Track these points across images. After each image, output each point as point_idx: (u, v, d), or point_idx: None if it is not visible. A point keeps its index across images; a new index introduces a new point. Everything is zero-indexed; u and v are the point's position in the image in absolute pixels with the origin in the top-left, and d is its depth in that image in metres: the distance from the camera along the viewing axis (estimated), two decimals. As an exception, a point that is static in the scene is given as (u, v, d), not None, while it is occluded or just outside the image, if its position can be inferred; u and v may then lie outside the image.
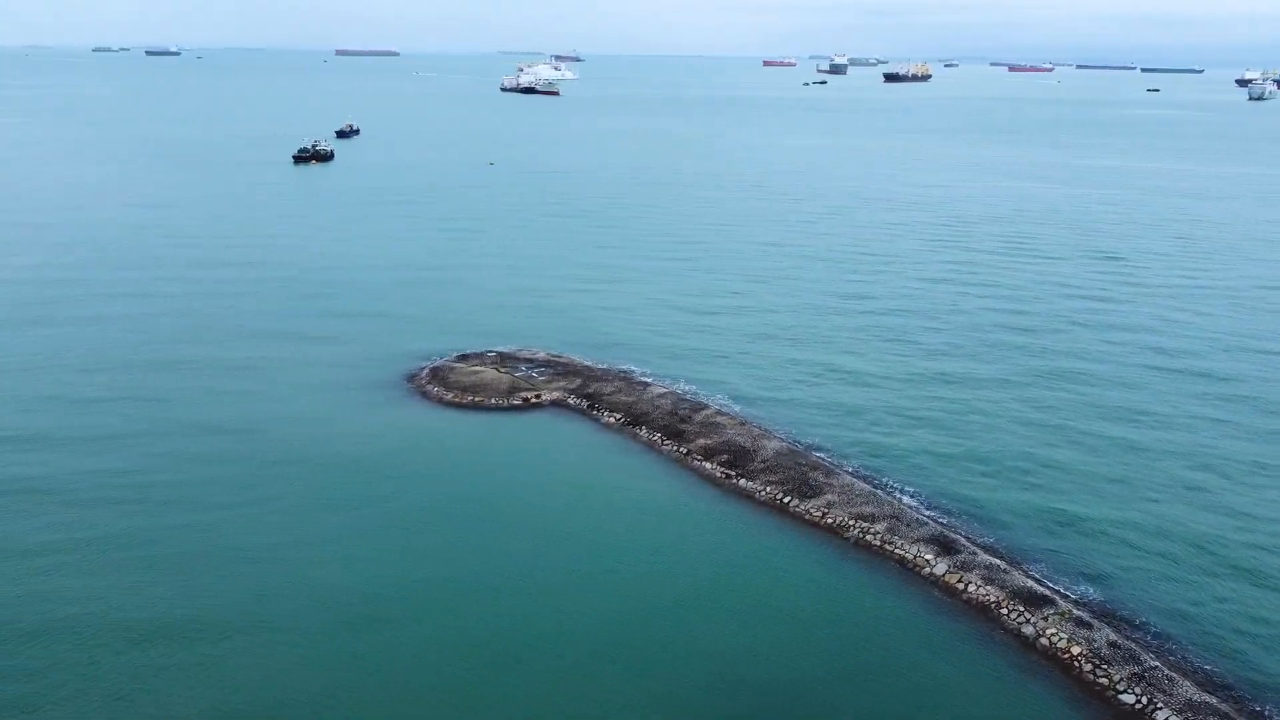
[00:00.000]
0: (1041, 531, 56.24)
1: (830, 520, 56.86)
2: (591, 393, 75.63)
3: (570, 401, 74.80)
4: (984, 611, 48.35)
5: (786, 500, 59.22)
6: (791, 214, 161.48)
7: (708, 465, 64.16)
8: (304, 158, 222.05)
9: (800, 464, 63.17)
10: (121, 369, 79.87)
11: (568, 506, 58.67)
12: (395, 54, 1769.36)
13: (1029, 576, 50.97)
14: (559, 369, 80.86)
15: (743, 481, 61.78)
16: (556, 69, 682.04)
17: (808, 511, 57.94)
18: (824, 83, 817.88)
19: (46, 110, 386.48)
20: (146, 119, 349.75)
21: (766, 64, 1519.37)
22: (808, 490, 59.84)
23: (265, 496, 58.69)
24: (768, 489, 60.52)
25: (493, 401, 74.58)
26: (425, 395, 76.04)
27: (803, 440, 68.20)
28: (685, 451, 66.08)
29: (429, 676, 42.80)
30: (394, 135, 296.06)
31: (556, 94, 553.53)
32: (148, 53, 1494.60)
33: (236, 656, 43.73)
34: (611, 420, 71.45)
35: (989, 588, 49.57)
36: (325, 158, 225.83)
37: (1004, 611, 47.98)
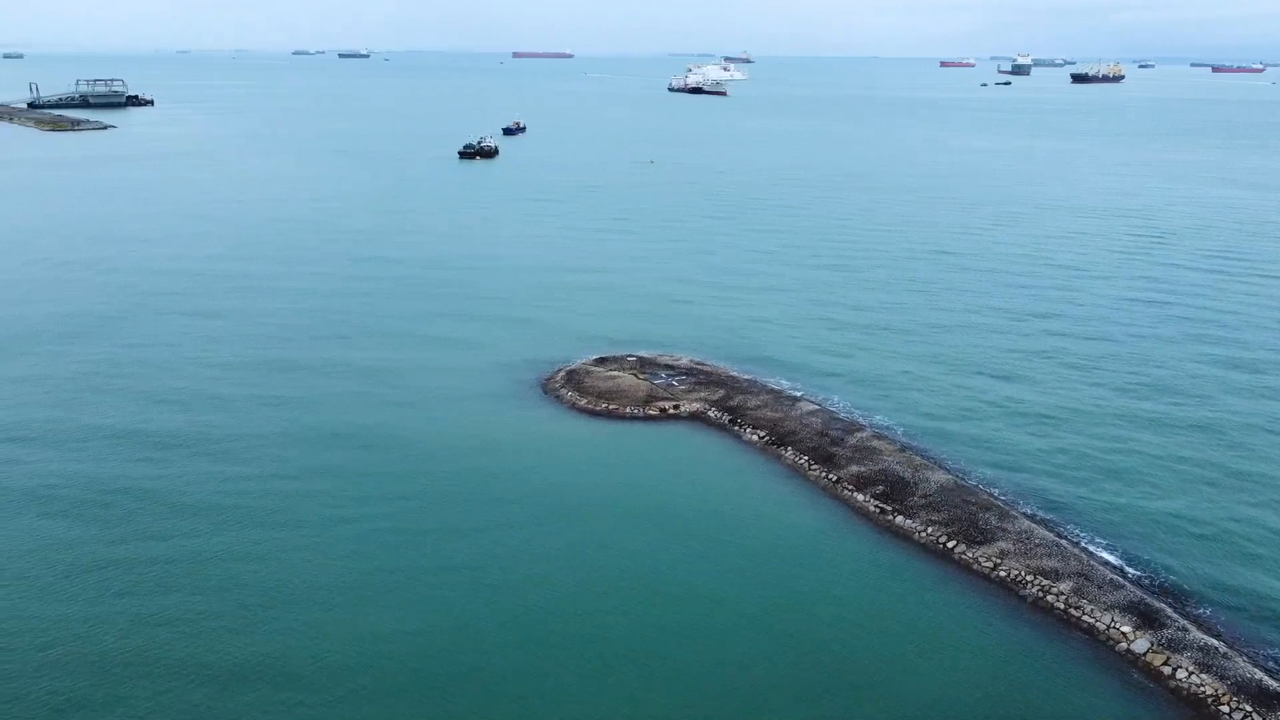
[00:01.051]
0: (1272, 614, 46.19)
1: (1003, 573, 48.66)
2: (734, 406, 69.41)
3: (710, 414, 68.83)
4: (1197, 706, 39.35)
5: (951, 545, 51.32)
6: (964, 220, 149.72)
7: (860, 496, 56.87)
8: (469, 154, 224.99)
9: (969, 502, 55.01)
10: (256, 368, 79.12)
11: (701, 532, 52.78)
12: (570, 56, 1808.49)
13: (1257, 666, 41.44)
14: (701, 378, 75.00)
15: (900, 519, 54.21)
16: (726, 70, 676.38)
17: (976, 560, 49.90)
18: (1008, 83, 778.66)
19: (248, 106, 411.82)
20: (331, 116, 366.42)
21: (944, 65, 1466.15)
22: (977, 534, 51.73)
23: (380, 513, 55.45)
24: (929, 529, 52.76)
25: (627, 410, 69.47)
26: (558, 399, 71.76)
27: (971, 475, 59.80)
28: (835, 479, 58.96)
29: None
30: (559, 133, 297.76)
31: (724, 94, 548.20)
32: (340, 55, 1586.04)
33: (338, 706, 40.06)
34: (754, 438, 65.03)
35: (1205, 676, 40.43)
36: (490, 154, 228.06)
37: (1224, 709, 38.87)
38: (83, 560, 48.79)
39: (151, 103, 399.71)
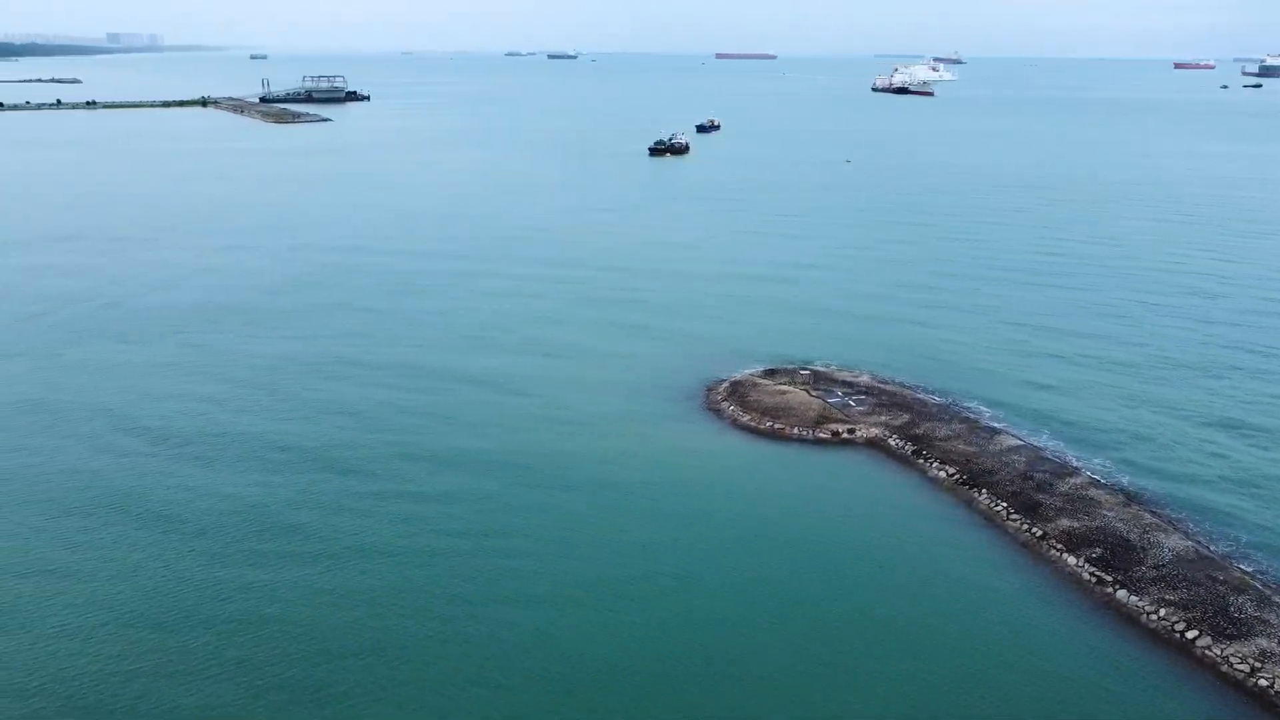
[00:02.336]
0: None
1: (1263, 681, 37.71)
2: (920, 435, 60.04)
3: (891, 443, 59.77)
4: None
5: (1192, 635, 40.60)
6: (1204, 234, 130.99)
7: (1071, 559, 46.67)
8: (660, 150, 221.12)
9: (1215, 580, 43.84)
10: (407, 374, 76.43)
11: (872, 585, 44.48)
12: (772, 57, 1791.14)
13: None
14: (883, 399, 65.86)
15: (1123, 593, 43.77)
16: (934, 70, 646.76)
17: (1226, 659, 39.07)
18: (1257, 85, 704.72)
19: (454, 102, 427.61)
20: (530, 112, 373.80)
21: (1178, 66, 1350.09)
22: (1227, 624, 40.75)
23: (523, 525, 50.17)
24: (1162, 611, 42.14)
25: (795, 431, 61.43)
26: (719, 413, 64.59)
27: (1219, 543, 48.22)
28: (1040, 534, 48.92)
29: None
30: (754, 131, 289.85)
31: (930, 94, 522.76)
32: (549, 56, 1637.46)
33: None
34: (942, 474, 55.60)
35: None
36: (681, 151, 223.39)
37: None
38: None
39: (368, 98, 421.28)
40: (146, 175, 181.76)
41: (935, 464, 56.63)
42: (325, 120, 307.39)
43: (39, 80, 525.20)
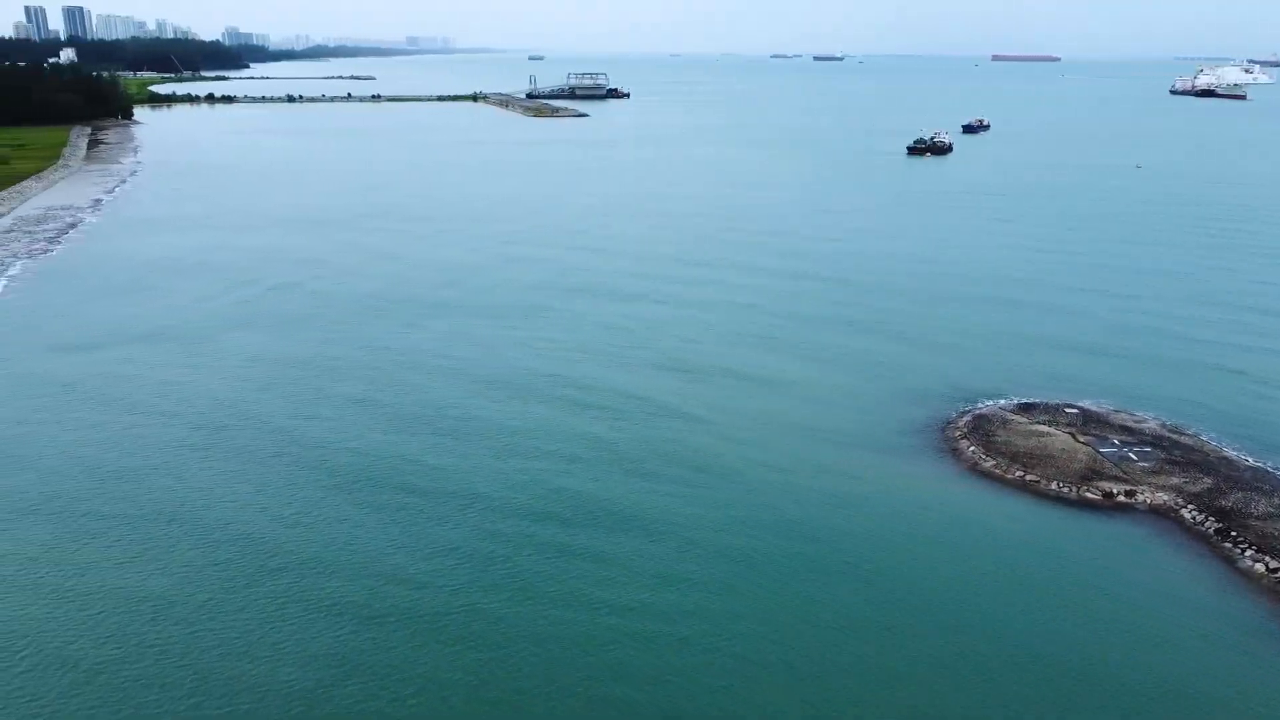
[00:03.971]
0: None
1: None
2: (1228, 508, 45.77)
3: (1186, 515, 45.94)
4: None
5: None
6: None
7: None
8: (919, 149, 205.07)
9: None
10: (618, 398, 69.66)
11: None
12: (1055, 59, 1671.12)
13: None
14: (1176, 454, 51.58)
15: None
16: (1248, 72, 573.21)
17: None
18: None
19: (711, 101, 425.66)
20: (786, 110, 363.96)
21: None
22: None
23: (699, 576, 41.72)
24: None
25: (1053, 486, 48.86)
26: (956, 454, 52.95)
27: None
28: None
29: None
30: (1028, 133, 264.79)
31: (1243, 98, 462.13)
32: (815, 58, 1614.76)
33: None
34: (1260, 568, 41.47)
35: None
36: (942, 150, 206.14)
37: None
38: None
39: (628, 95, 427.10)
40: (395, 161, 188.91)
41: (1250, 552, 42.46)
42: (582, 115, 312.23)
43: (339, 77, 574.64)
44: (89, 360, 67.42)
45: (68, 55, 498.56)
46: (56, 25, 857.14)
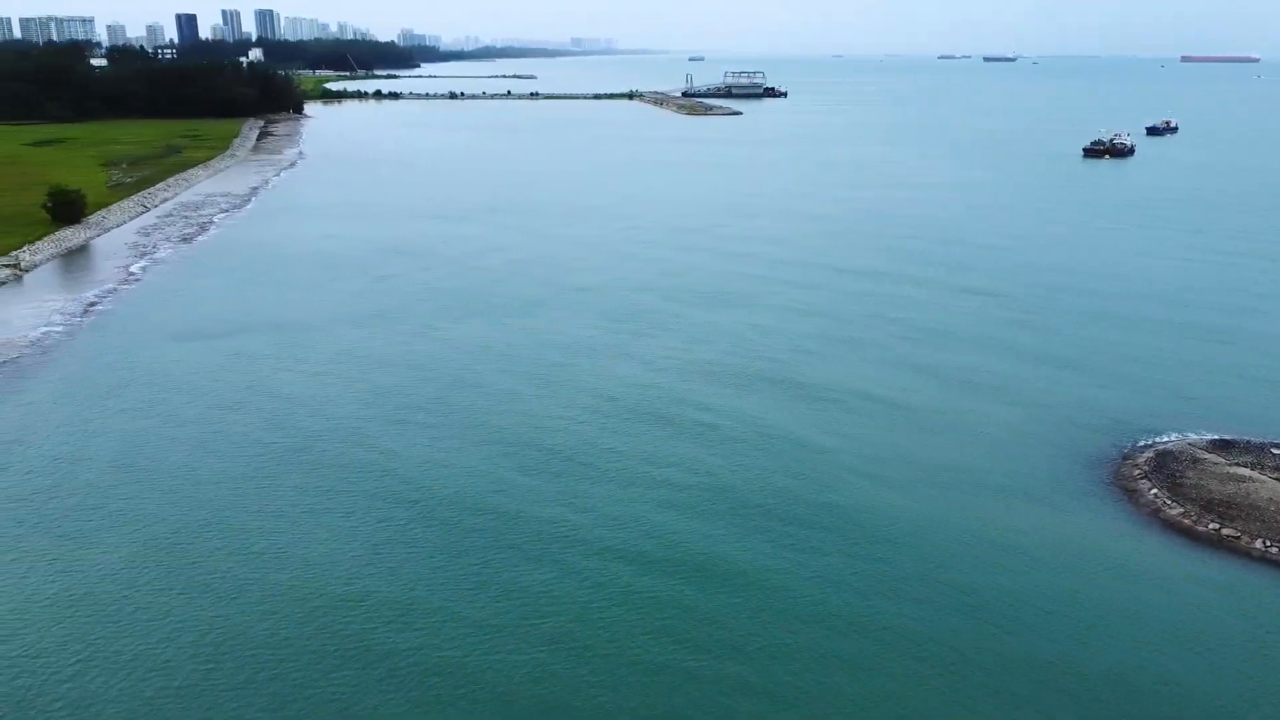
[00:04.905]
0: None
1: None
2: None
3: None
4: None
5: None
6: None
7: None
8: (1096, 152, 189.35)
9: None
10: (725, 382, 63.90)
11: None
12: (1253, 59, 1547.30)
13: None
14: None
15: None
16: None
17: None
18: None
19: (870, 100, 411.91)
20: (957, 110, 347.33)
21: None
22: None
23: (805, 647, 35.83)
24: None
25: (1259, 545, 40.18)
26: (1133, 497, 44.71)
27: None
28: None
29: None
30: (1221, 137, 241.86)
31: None
32: (985, 59, 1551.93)
33: None
34: None
35: None
36: (1123, 153, 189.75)
37: None
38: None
39: (785, 94, 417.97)
40: (541, 156, 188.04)
41: None
42: (735, 114, 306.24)
43: (502, 76, 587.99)
44: (205, 348, 66.84)
45: (255, 55, 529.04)
46: (249, 27, 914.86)
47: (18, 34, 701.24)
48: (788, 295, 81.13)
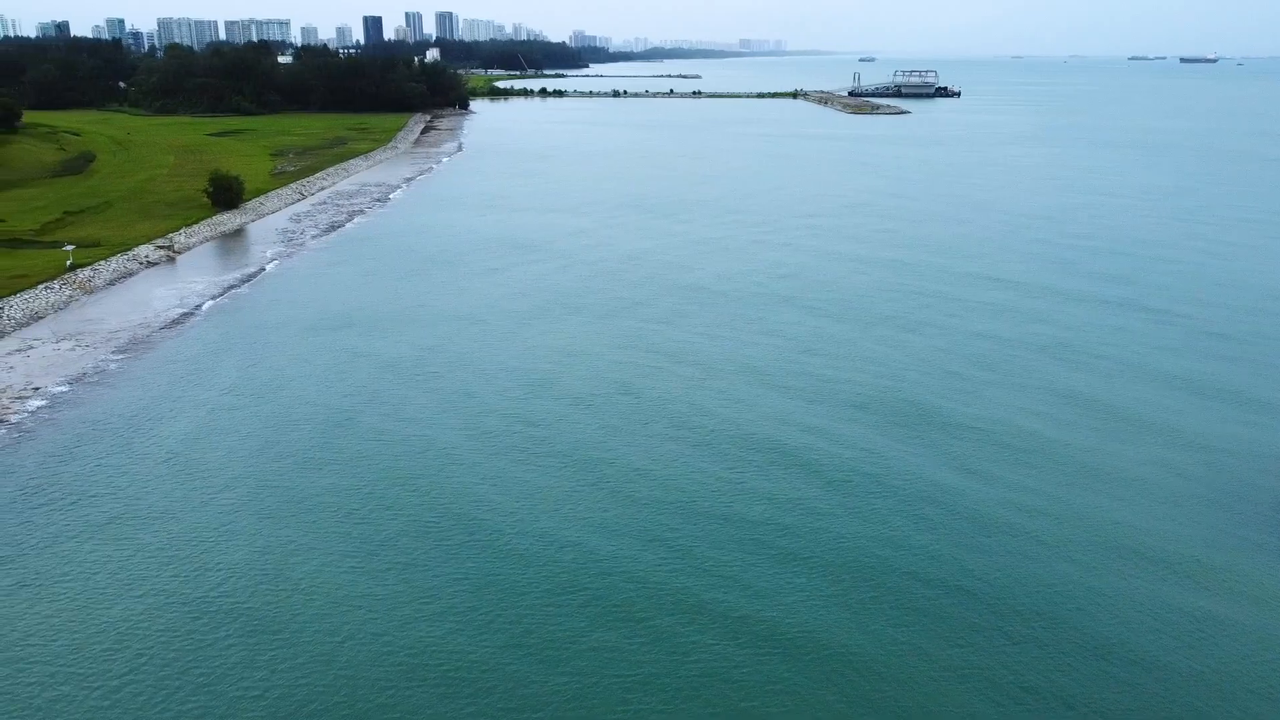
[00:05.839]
0: None
1: None
2: None
3: None
4: None
5: None
6: None
7: None
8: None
9: None
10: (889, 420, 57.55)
11: None
12: None
13: None
14: None
15: None
16: None
17: None
18: None
19: (1047, 101, 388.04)
20: (1158, 114, 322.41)
21: None
22: None
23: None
24: None
25: None
26: (1359, 566, 36.23)
27: None
28: None
29: None
30: None
31: None
32: (1181, 60, 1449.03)
33: None
34: None
35: None
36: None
37: None
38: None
39: (958, 94, 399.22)
40: (688, 151, 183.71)
41: None
42: (903, 113, 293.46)
43: (667, 75, 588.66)
44: (329, 335, 65.80)
45: (432, 54, 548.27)
46: (430, 29, 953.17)
47: (223, 35, 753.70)
48: (940, 309, 73.71)
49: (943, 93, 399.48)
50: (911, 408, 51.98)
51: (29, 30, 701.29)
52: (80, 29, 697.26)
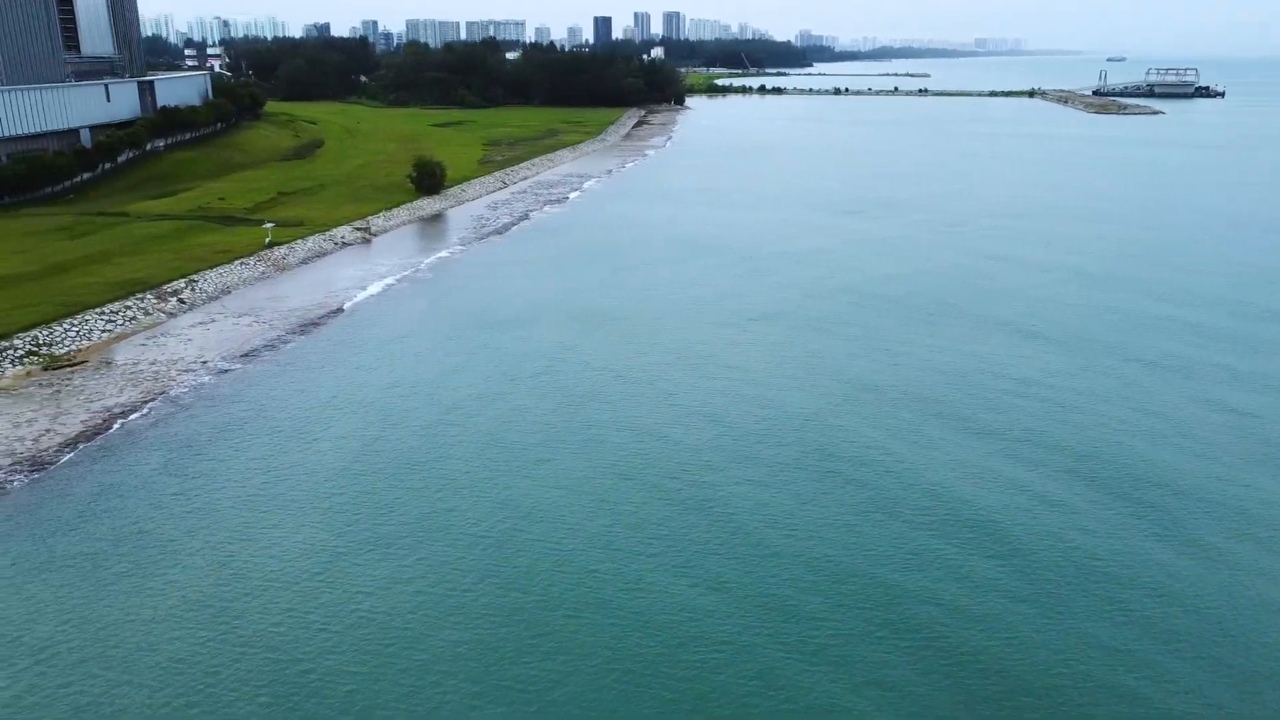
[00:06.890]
0: None
1: None
2: None
3: None
4: None
5: None
6: None
7: None
8: None
9: None
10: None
11: None
12: None
13: None
14: None
15: None
16: None
17: None
18: None
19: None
20: None
21: None
22: None
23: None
24: None
25: None
26: None
27: None
28: None
29: None
30: None
31: None
32: None
33: None
34: None
35: None
36: None
37: None
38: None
39: (1221, 94, 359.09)
40: (907, 150, 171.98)
41: None
42: (1156, 113, 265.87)
43: (894, 74, 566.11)
44: (502, 327, 63.42)
45: (657, 53, 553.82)
46: (657, 28, 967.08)
47: (464, 35, 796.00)
48: (1187, 340, 62.56)
49: (1203, 92, 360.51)
50: (1149, 485, 40.77)
51: (296, 31, 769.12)
52: (339, 29, 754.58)
